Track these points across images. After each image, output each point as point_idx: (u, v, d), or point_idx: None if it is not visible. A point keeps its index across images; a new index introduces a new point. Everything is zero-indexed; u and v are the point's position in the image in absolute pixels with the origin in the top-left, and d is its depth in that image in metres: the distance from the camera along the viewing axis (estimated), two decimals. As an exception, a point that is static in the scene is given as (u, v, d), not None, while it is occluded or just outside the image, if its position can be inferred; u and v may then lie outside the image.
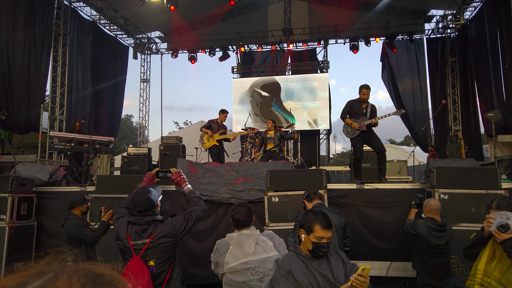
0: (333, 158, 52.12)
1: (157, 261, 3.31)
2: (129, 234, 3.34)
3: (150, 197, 3.44)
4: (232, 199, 6.58)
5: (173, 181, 3.87)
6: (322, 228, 2.61)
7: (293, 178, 6.16)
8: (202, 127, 10.23)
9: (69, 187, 7.70)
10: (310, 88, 17.69)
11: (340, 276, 2.61)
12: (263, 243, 3.28)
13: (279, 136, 10.13)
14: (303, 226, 2.69)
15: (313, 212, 2.74)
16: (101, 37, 16.38)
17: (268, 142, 10.28)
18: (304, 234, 2.66)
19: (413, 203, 5.38)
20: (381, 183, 6.88)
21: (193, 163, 7.58)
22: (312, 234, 2.61)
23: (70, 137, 9.44)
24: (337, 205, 6.32)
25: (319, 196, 4.49)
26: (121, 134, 38.94)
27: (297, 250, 2.68)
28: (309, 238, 2.62)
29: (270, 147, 10.15)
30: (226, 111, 10.46)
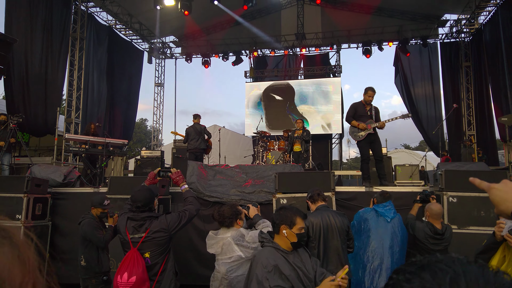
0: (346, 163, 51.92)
1: (152, 254, 3.57)
2: (128, 228, 3.63)
3: (147, 195, 3.72)
4: (241, 201, 6.63)
5: (173, 180, 4.16)
6: (302, 219, 2.84)
7: (302, 180, 6.19)
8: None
9: (82, 188, 7.85)
10: (324, 92, 17.74)
11: (309, 269, 2.78)
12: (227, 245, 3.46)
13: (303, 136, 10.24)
14: (283, 221, 2.80)
15: (286, 208, 2.92)
16: (116, 42, 16.64)
17: (295, 142, 10.27)
18: (287, 229, 2.78)
19: (418, 198, 5.35)
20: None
21: (203, 165, 7.67)
22: (295, 226, 2.78)
23: (84, 140, 9.61)
24: (345, 208, 6.34)
25: (322, 197, 4.49)
26: (136, 137, 39.36)
27: (275, 245, 2.78)
28: (293, 231, 2.77)
29: (297, 148, 10.19)
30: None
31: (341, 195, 6.49)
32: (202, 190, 6.86)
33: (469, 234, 5.34)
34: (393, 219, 4.88)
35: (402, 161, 16.54)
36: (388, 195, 5.21)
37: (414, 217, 5.14)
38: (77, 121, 13.77)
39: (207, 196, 6.80)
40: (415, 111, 16.77)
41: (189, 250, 6.62)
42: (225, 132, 18.80)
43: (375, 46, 17.28)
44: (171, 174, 4.16)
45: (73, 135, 10.83)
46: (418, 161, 15.48)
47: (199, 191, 6.84)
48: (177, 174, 4.13)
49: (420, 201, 5.33)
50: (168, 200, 6.80)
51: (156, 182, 4.33)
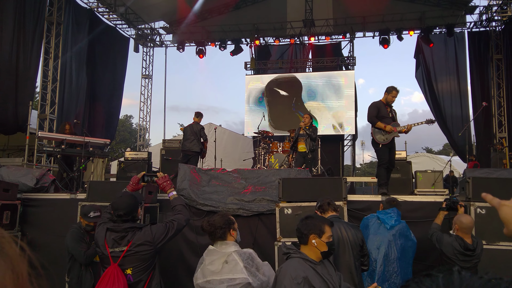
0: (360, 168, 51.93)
1: (135, 270, 3.55)
2: (107, 241, 3.59)
3: (130, 202, 3.71)
4: (239, 210, 6.63)
5: (159, 186, 4.16)
6: (330, 227, 3.10)
7: (309, 187, 6.18)
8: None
9: (57, 194, 7.83)
10: (335, 87, 17.74)
11: (336, 282, 2.96)
12: (233, 263, 3.38)
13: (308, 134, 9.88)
14: (312, 230, 3.03)
15: (312, 217, 3.16)
16: (98, 27, 16.60)
17: (300, 140, 9.98)
18: (316, 238, 3.00)
19: (444, 205, 5.34)
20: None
21: (196, 169, 7.67)
22: (325, 235, 3.02)
23: (60, 139, 9.60)
24: (358, 219, 6.32)
25: (333, 207, 4.50)
26: (119, 136, 39.38)
27: (303, 255, 2.96)
28: (322, 240, 3.00)
29: (301, 147, 9.88)
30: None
31: (354, 205, 6.48)
32: (195, 198, 6.85)
33: (499, 251, 5.32)
34: (394, 226, 5.03)
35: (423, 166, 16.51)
36: (395, 202, 5.40)
37: (439, 226, 5.14)
38: (52, 117, 13.77)
39: (201, 204, 6.79)
40: (439, 110, 16.76)
41: (178, 266, 6.60)
42: (222, 131, 18.80)
43: (393, 35, 17.26)
44: (157, 179, 4.14)
45: (48, 133, 10.84)
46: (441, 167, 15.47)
47: (191, 198, 6.83)
48: (164, 179, 4.13)
49: (446, 208, 5.31)
50: (156, 208, 6.79)
51: (140, 187, 4.30)
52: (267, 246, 6.37)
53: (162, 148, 11.19)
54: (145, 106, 20.30)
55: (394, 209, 5.20)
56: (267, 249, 6.39)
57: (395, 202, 5.42)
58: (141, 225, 3.72)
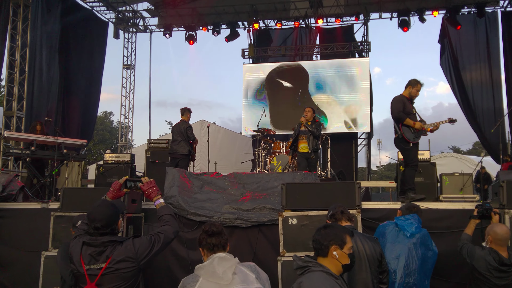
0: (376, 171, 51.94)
1: None
2: (83, 256, 3.56)
3: (109, 212, 3.69)
4: (237, 221, 6.64)
5: (144, 193, 4.13)
6: (351, 237, 3.15)
7: (317, 193, 6.18)
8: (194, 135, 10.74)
9: (27, 203, 7.84)
10: (348, 77, 17.73)
11: None
12: (242, 274, 3.30)
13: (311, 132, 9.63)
14: (333, 241, 3.06)
15: (331, 226, 3.25)
16: (72, 10, 16.60)
17: (300, 138, 9.73)
18: (337, 250, 3.04)
19: (475, 212, 5.31)
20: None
21: (187, 173, 7.67)
22: (346, 246, 3.07)
23: (30, 139, 9.60)
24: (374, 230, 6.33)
25: (347, 216, 4.49)
26: (98, 136, 39.39)
27: (326, 269, 2.99)
28: (344, 252, 3.05)
29: (303, 147, 9.63)
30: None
31: (369, 214, 6.48)
32: (185, 206, 6.85)
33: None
34: (415, 234, 5.07)
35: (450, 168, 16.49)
36: (415, 209, 5.45)
37: (470, 237, 5.13)
38: (20, 115, 13.76)
39: (192, 214, 6.79)
40: (468, 103, 16.73)
41: (167, 284, 6.61)
42: (216, 129, 18.80)
43: (414, 16, 17.25)
44: (141, 185, 4.12)
45: (15, 133, 10.85)
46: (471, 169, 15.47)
47: (181, 207, 6.83)
48: (149, 184, 4.11)
49: (478, 216, 5.29)
50: (140, 219, 6.80)
51: (122, 195, 4.30)
52: (269, 261, 6.37)
53: (147, 149, 11.18)
54: (127, 101, 20.34)
55: (414, 215, 5.24)
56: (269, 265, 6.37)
57: (416, 209, 5.46)
58: (122, 238, 3.69)
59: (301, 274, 3.03)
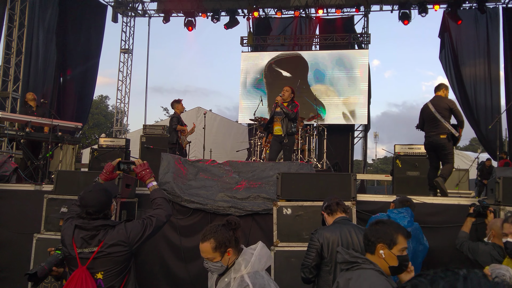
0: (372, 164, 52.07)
1: (106, 274, 3.52)
2: (75, 240, 3.56)
3: (102, 196, 3.68)
4: (231, 209, 6.62)
5: (137, 175, 4.09)
6: (405, 238, 2.97)
7: (312, 184, 6.18)
8: (176, 123, 11.08)
9: (20, 184, 7.81)
10: (347, 68, 17.71)
11: None
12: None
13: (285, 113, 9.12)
14: (381, 239, 2.94)
15: (384, 223, 3.06)
16: (71, -8, 16.52)
17: (275, 119, 9.28)
18: (385, 249, 2.92)
19: (471, 210, 5.34)
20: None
21: (182, 159, 7.64)
22: (396, 246, 2.92)
23: (25, 121, 9.56)
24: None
25: (343, 207, 4.51)
26: (93, 120, 39.32)
27: (378, 267, 2.87)
28: (393, 253, 2.91)
29: (277, 129, 9.20)
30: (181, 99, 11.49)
31: (364, 206, 6.48)
32: (179, 193, 6.84)
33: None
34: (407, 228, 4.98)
35: (446, 164, 16.55)
36: (408, 203, 5.46)
37: (468, 235, 5.15)
38: (15, 96, 13.72)
39: (186, 201, 6.78)
40: (466, 98, 16.75)
41: (158, 271, 6.61)
42: (212, 117, 18.79)
43: (415, 9, 17.25)
44: (134, 167, 4.10)
45: (10, 114, 10.77)
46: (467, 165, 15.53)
47: (175, 193, 6.82)
48: (143, 166, 4.07)
49: (474, 214, 5.31)
50: (134, 204, 6.78)
51: (115, 177, 4.30)
52: (262, 251, 6.38)
53: (143, 134, 11.13)
54: (124, 86, 20.26)
55: (407, 209, 5.25)
56: (262, 255, 6.40)
57: (409, 203, 5.48)
58: (114, 222, 3.68)
59: (347, 269, 2.95)
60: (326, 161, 12.27)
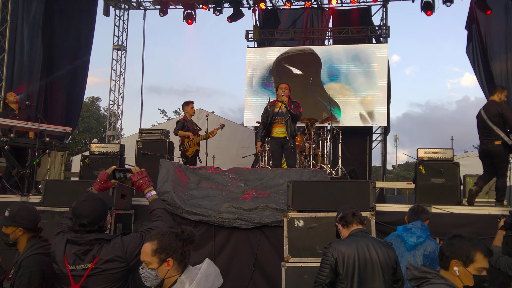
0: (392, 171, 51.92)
1: None
2: (67, 256, 3.55)
3: (96, 207, 3.68)
4: (237, 221, 6.66)
5: (134, 184, 4.06)
6: (484, 256, 2.92)
7: (326, 193, 6.20)
8: (178, 129, 11.16)
9: (4, 195, 7.88)
10: (364, 65, 17.59)
11: None
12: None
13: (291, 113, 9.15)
14: (456, 255, 2.94)
15: (462, 237, 3.01)
16: (58, -17, 16.58)
17: (276, 121, 9.24)
18: (460, 266, 2.91)
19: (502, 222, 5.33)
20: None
21: (182, 166, 7.68)
22: (473, 265, 2.89)
23: (8, 125, 9.61)
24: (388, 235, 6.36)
25: (359, 219, 4.49)
26: (83, 124, 39.40)
27: (450, 282, 2.89)
28: (468, 271, 2.89)
29: (279, 131, 9.22)
30: (192, 101, 11.51)
31: (383, 217, 6.50)
32: (180, 204, 6.87)
33: None
34: (416, 246, 4.98)
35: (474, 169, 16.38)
36: (420, 209, 5.40)
37: (500, 249, 5.14)
38: (-3, 98, 13.78)
39: (187, 212, 6.82)
40: (496, 96, 16.68)
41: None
42: (215, 120, 18.77)
43: (440, -2, 17.20)
44: (131, 176, 4.07)
45: (-8, 118, 10.83)
46: (498, 171, 15.44)
47: (175, 204, 6.85)
48: (140, 175, 4.04)
49: (506, 227, 5.29)
50: (130, 216, 6.82)
51: (110, 186, 4.28)
52: (271, 267, 6.41)
53: (139, 139, 11.17)
54: (117, 86, 20.29)
55: (416, 223, 5.14)
56: (271, 271, 6.43)
57: (421, 209, 5.41)
58: (110, 236, 3.67)
59: (417, 286, 2.96)
60: (342, 168, 12.27)
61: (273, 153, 9.46)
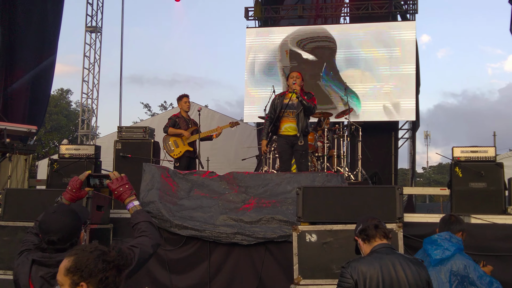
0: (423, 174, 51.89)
1: None
2: (33, 280, 3.49)
3: (67, 221, 3.60)
4: (237, 237, 6.66)
5: (113, 192, 3.94)
6: None
7: (344, 201, 6.20)
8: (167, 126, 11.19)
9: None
10: (388, 47, 17.51)
11: None
12: None
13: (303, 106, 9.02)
14: None
15: None
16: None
17: (286, 114, 9.12)
18: None
19: None
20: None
21: (170, 171, 7.68)
22: None
23: (-39, 124, 9.64)
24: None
25: (383, 231, 4.44)
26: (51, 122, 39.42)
27: None
28: None
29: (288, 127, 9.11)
30: (186, 95, 11.47)
31: (413, 229, 6.50)
32: (168, 216, 6.87)
33: None
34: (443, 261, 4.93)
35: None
36: (453, 219, 5.31)
37: None
38: None
39: (177, 226, 6.82)
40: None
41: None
42: (209, 115, 18.83)
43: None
44: (109, 183, 3.94)
45: None
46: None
47: (162, 217, 6.85)
48: (120, 181, 3.91)
49: None
50: (108, 231, 6.83)
51: (83, 195, 4.15)
52: (278, 291, 6.41)
53: (117, 139, 11.15)
54: (91, 76, 20.30)
55: (446, 234, 5.06)
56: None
57: (454, 218, 5.33)
58: None
59: None
60: (362, 171, 12.25)
61: (281, 154, 9.37)
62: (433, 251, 4.92)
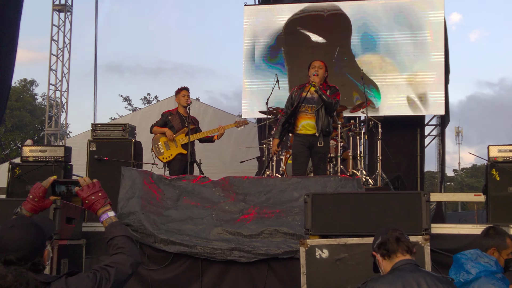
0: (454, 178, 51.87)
1: None
2: None
3: (28, 235, 3.52)
4: (234, 253, 6.68)
5: (83, 202, 3.89)
6: None
7: (361, 210, 6.22)
8: (154, 125, 11.26)
9: None
10: (412, 29, 17.47)
11: None
12: None
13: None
14: None
15: None
16: None
17: (304, 109, 9.18)
18: None
19: None
20: None
21: (154, 176, 7.69)
22: None
23: None
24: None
25: (406, 245, 4.44)
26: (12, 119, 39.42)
27: None
28: None
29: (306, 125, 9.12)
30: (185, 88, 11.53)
31: (442, 242, 6.52)
32: (151, 230, 6.89)
33: None
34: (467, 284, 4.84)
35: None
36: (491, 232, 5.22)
37: None
38: None
39: (163, 241, 6.84)
40: None
41: None
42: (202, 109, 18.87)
43: None
44: (78, 190, 3.89)
45: None
46: None
47: (145, 230, 6.88)
48: (91, 188, 3.85)
49: None
50: (80, 248, 6.85)
51: (48, 205, 4.13)
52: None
53: (91, 139, 11.18)
54: (60, 63, 20.30)
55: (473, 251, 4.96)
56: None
57: (492, 231, 5.22)
58: (50, 277, 3.52)
59: None
60: (382, 174, 12.27)
61: (296, 156, 9.25)
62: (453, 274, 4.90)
